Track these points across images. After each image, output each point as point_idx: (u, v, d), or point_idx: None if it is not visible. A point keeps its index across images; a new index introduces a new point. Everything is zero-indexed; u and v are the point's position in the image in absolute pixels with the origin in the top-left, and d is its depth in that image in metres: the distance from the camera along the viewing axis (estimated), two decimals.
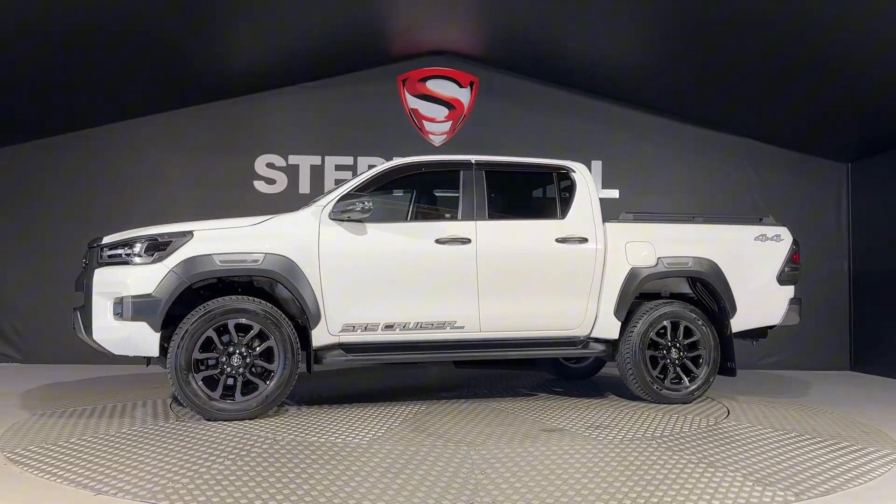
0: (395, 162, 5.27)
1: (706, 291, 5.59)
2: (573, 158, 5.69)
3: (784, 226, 5.78)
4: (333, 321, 4.78)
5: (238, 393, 4.56)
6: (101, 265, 4.57)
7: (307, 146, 7.92)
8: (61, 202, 7.65)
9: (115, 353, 4.51)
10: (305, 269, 4.70)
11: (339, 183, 6.50)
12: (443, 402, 5.32)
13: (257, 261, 4.62)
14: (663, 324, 5.36)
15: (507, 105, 8.04)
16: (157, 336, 4.42)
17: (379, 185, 5.09)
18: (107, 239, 4.70)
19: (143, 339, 4.40)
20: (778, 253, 5.67)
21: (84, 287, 4.61)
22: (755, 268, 5.61)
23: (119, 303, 4.40)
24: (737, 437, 4.29)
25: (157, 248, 4.52)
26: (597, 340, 5.37)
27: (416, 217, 5.77)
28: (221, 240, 4.63)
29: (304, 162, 7.88)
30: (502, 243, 5.12)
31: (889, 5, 5.08)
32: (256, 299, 4.65)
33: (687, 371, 5.43)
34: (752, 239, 5.64)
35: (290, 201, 6.82)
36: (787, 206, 7.61)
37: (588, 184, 5.46)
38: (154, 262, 4.48)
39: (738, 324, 5.52)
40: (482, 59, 8.01)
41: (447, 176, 5.39)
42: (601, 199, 5.57)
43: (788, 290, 5.67)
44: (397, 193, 6.01)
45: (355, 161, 7.88)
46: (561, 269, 5.21)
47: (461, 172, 5.22)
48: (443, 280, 4.99)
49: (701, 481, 3.31)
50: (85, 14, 5.74)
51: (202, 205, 7.60)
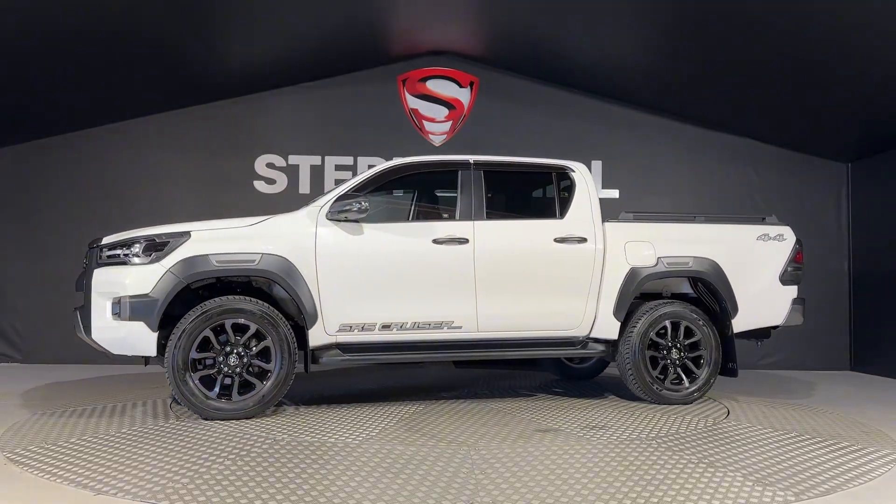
0: (393, 162, 5.27)
1: (707, 291, 5.56)
2: (573, 158, 5.67)
3: (787, 225, 5.73)
4: (330, 321, 4.79)
5: (235, 392, 4.58)
6: (100, 265, 4.61)
7: (307, 146, 7.92)
8: (61, 202, 7.66)
9: (114, 352, 4.55)
10: (302, 270, 4.70)
11: (339, 183, 6.50)
12: (442, 402, 5.31)
13: (254, 261, 4.63)
14: (664, 324, 5.32)
15: (507, 105, 8.04)
16: (155, 336, 4.44)
17: (377, 186, 5.08)
18: (106, 239, 4.73)
19: (140, 339, 4.43)
20: (781, 252, 5.62)
21: (84, 287, 4.65)
22: (757, 268, 5.56)
23: (117, 303, 4.43)
24: (737, 437, 4.28)
25: (155, 248, 4.54)
26: (596, 341, 5.35)
27: (414, 217, 5.76)
28: (218, 240, 4.64)
29: (304, 162, 7.89)
30: (500, 243, 5.11)
31: (889, 5, 5.08)
32: (253, 299, 4.65)
33: (688, 372, 5.39)
34: (754, 238, 5.60)
35: (290, 201, 6.82)
36: (787, 206, 7.61)
37: (587, 183, 5.44)
38: (151, 262, 4.50)
39: (740, 324, 5.48)
40: (482, 59, 8.01)
41: (446, 176, 5.38)
42: (601, 199, 5.55)
43: (791, 290, 5.63)
44: (396, 194, 6.01)
45: (355, 161, 7.88)
46: (559, 269, 5.20)
47: (459, 172, 5.22)
48: (440, 280, 4.98)
49: (701, 481, 3.31)
50: (85, 14, 5.75)
51: (202, 205, 7.60)
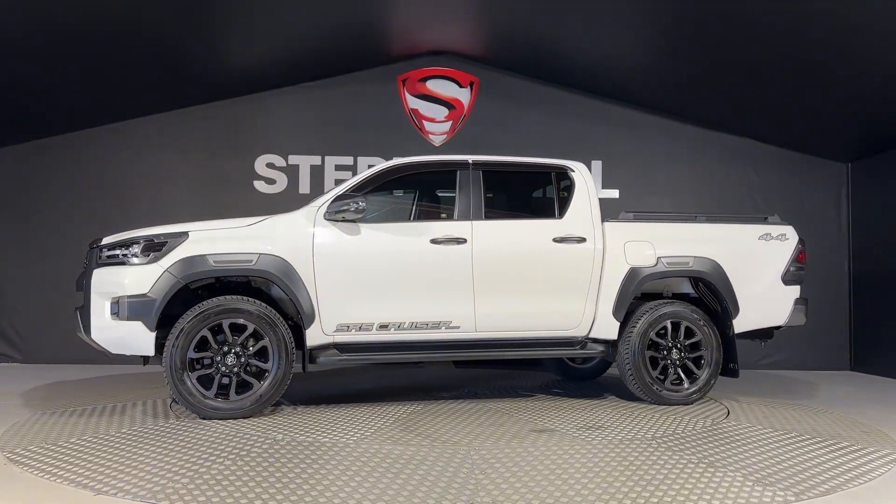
0: (392, 162, 5.27)
1: (708, 291, 5.52)
2: (573, 158, 5.65)
3: (790, 224, 5.68)
4: (328, 321, 4.79)
5: (233, 392, 4.60)
6: (99, 266, 4.64)
7: (307, 146, 7.92)
8: (61, 202, 7.66)
9: (113, 352, 4.57)
10: (300, 270, 4.71)
11: (339, 183, 6.48)
12: (441, 402, 5.31)
13: (251, 261, 4.64)
14: (664, 324, 5.29)
15: (507, 105, 8.03)
16: (153, 335, 4.46)
17: (375, 186, 5.08)
18: (106, 240, 4.76)
19: (139, 339, 4.45)
20: (783, 252, 5.57)
21: (84, 287, 4.67)
22: (759, 267, 5.52)
23: (116, 303, 4.45)
24: (737, 437, 4.28)
25: (153, 248, 4.56)
26: (595, 341, 5.33)
27: (412, 217, 5.75)
28: (216, 240, 4.66)
29: (304, 162, 7.89)
30: (498, 243, 5.10)
31: (889, 5, 5.08)
32: (251, 299, 4.67)
33: (688, 372, 5.36)
34: (755, 238, 5.56)
35: (290, 201, 6.82)
36: (787, 206, 7.60)
37: (587, 183, 5.42)
38: (150, 262, 4.52)
39: (742, 324, 5.45)
40: (482, 59, 8.01)
41: (445, 176, 5.37)
42: (601, 200, 5.54)
43: (794, 290, 5.58)
44: (395, 194, 5.99)
45: (355, 161, 7.88)
46: (558, 269, 5.18)
47: (458, 172, 5.21)
48: (438, 280, 4.98)
49: (701, 481, 3.31)
50: (85, 14, 5.75)
51: (202, 205, 7.60)
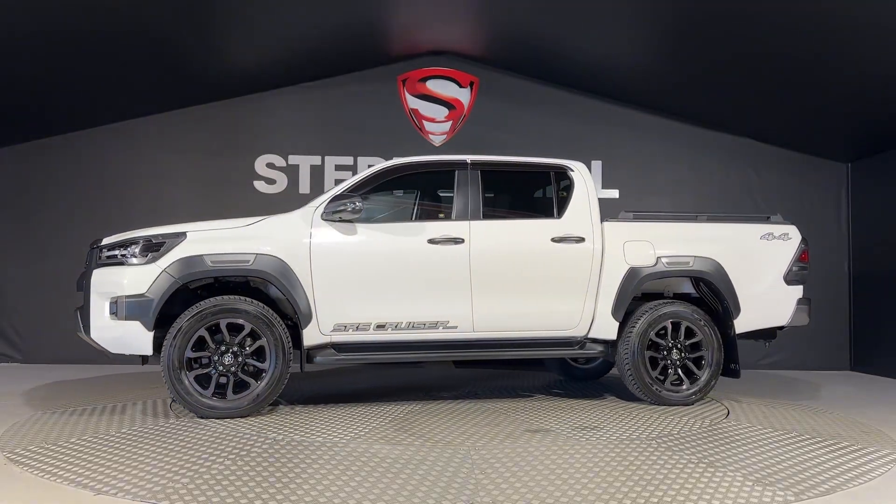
0: (390, 163, 5.27)
1: (709, 291, 5.49)
2: (573, 158, 5.63)
3: (792, 224, 5.64)
4: (325, 321, 4.80)
5: (230, 391, 4.62)
6: (99, 266, 4.67)
7: (307, 146, 7.92)
8: (61, 202, 7.66)
9: (112, 351, 4.61)
10: (297, 270, 4.72)
11: (339, 183, 6.48)
12: (441, 402, 5.31)
13: (248, 261, 4.65)
14: (664, 324, 5.27)
15: (507, 105, 8.03)
16: (151, 335, 4.49)
17: (373, 186, 5.09)
18: (106, 240, 4.78)
19: (137, 338, 4.48)
20: (785, 252, 5.52)
21: (84, 287, 4.69)
22: (761, 267, 5.48)
23: (115, 303, 4.48)
24: (737, 437, 4.28)
25: (151, 249, 4.59)
26: (594, 341, 5.31)
27: (410, 217, 5.72)
28: (213, 241, 4.68)
29: (304, 162, 7.89)
30: (496, 243, 5.09)
31: (888, 5, 5.08)
32: (249, 299, 4.68)
33: (688, 372, 5.33)
34: (757, 238, 5.52)
35: (290, 201, 6.81)
36: (787, 206, 7.59)
37: (586, 183, 5.40)
38: (148, 262, 4.55)
39: (743, 324, 5.41)
40: (482, 59, 8.00)
41: (443, 176, 5.36)
42: (601, 200, 5.53)
43: (796, 290, 5.52)
44: (393, 194, 5.97)
45: (355, 161, 7.88)
46: (556, 269, 5.16)
47: (456, 172, 5.21)
48: (435, 280, 4.97)
49: (701, 481, 3.31)
50: (85, 14, 5.74)
51: (202, 205, 7.60)
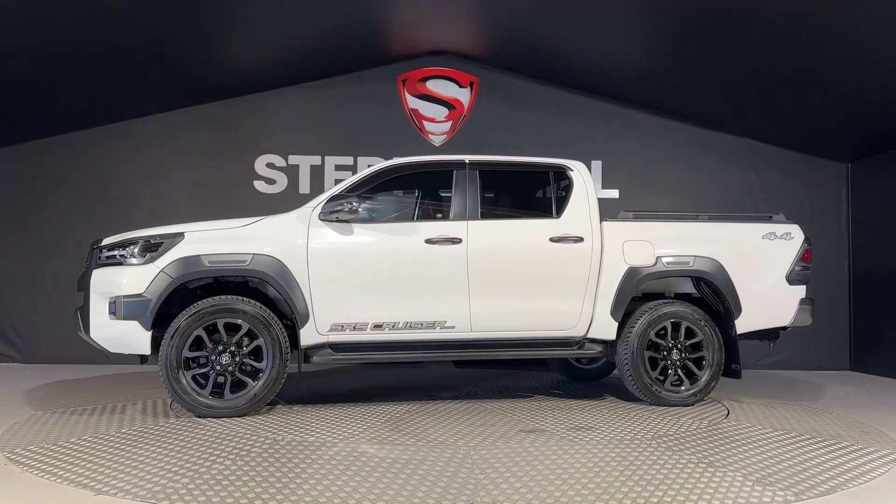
0: (388, 163, 5.27)
1: (710, 291, 5.45)
2: (573, 158, 5.62)
3: (795, 223, 5.59)
4: (322, 321, 4.81)
5: (227, 391, 4.65)
6: (99, 266, 4.71)
7: (307, 146, 7.92)
8: (61, 202, 7.66)
9: (112, 350, 4.64)
10: (294, 270, 4.74)
11: (339, 183, 6.49)
12: (441, 402, 5.31)
13: (245, 261, 4.67)
14: (663, 324, 5.25)
15: (507, 105, 8.03)
16: (149, 335, 4.52)
17: (372, 186, 5.09)
18: (106, 240, 4.82)
19: (135, 338, 4.52)
20: (787, 251, 5.46)
21: (84, 287, 4.73)
22: (762, 267, 5.44)
23: (113, 302, 4.52)
24: (737, 437, 4.28)
25: (150, 249, 4.62)
26: (593, 341, 5.29)
27: (408, 217, 5.71)
28: (211, 241, 4.70)
29: (304, 162, 7.89)
30: (494, 243, 5.08)
31: (888, 5, 5.08)
32: (246, 299, 4.70)
33: (689, 373, 5.30)
34: (759, 237, 5.47)
35: (290, 201, 6.81)
36: (787, 206, 7.56)
37: (586, 182, 5.39)
38: (146, 263, 4.59)
39: (745, 325, 5.36)
40: (482, 59, 8.00)
41: (441, 176, 5.35)
42: (601, 200, 5.52)
43: (799, 290, 5.47)
44: (391, 194, 5.95)
45: (355, 161, 7.88)
46: (555, 269, 5.15)
47: (454, 172, 5.21)
48: (432, 280, 4.97)
49: (701, 481, 3.31)
50: (85, 14, 5.75)
51: (202, 205, 7.61)
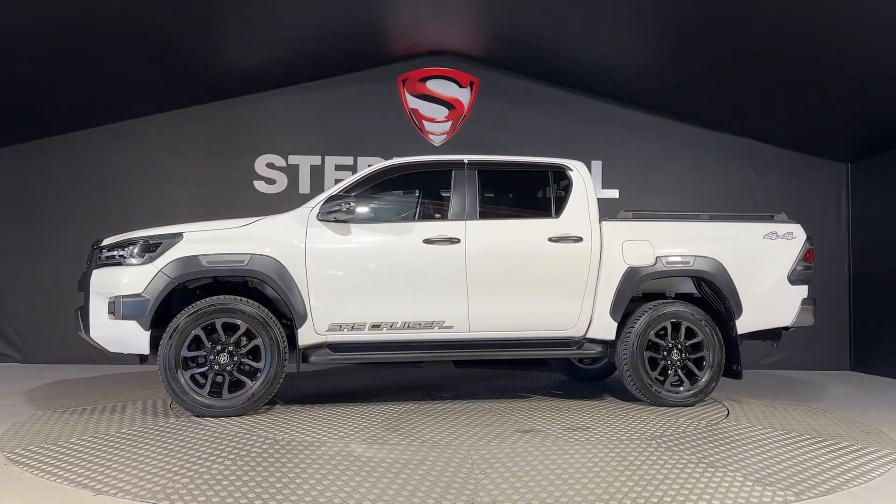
0: (386, 163, 5.28)
1: (711, 291, 5.43)
2: (573, 158, 5.61)
3: (797, 223, 5.55)
4: (320, 321, 4.82)
5: (225, 390, 4.66)
6: (99, 266, 4.73)
7: (307, 146, 7.92)
8: (61, 202, 7.66)
9: (111, 350, 4.66)
10: (292, 270, 4.75)
11: (339, 183, 6.48)
12: (440, 402, 5.31)
13: (243, 262, 4.69)
14: (663, 324, 5.23)
15: (507, 105, 8.03)
16: (147, 334, 4.54)
17: (370, 186, 5.09)
18: (106, 241, 4.84)
19: (134, 337, 4.54)
20: (789, 251, 5.42)
21: (84, 287, 4.75)
22: (764, 267, 5.40)
23: (113, 302, 4.54)
24: (737, 437, 4.28)
25: (149, 249, 4.65)
26: (592, 341, 5.27)
27: (406, 217, 5.68)
28: (209, 241, 4.72)
29: (304, 162, 7.88)
30: (492, 242, 5.08)
31: (888, 5, 5.08)
32: (244, 299, 4.72)
33: (689, 373, 5.28)
34: (760, 237, 5.44)
35: (290, 201, 6.79)
36: (787, 206, 7.51)
37: (585, 182, 5.37)
38: (145, 263, 4.61)
39: (746, 325, 5.33)
40: (482, 59, 8.00)
41: (440, 176, 5.34)
42: (600, 200, 5.51)
43: (801, 290, 5.42)
44: (390, 194, 5.92)
45: (355, 161, 7.88)
46: (554, 269, 5.14)
47: (453, 172, 5.20)
48: (431, 280, 4.97)
49: (701, 481, 3.31)
50: (85, 14, 5.74)
51: (202, 205, 7.61)
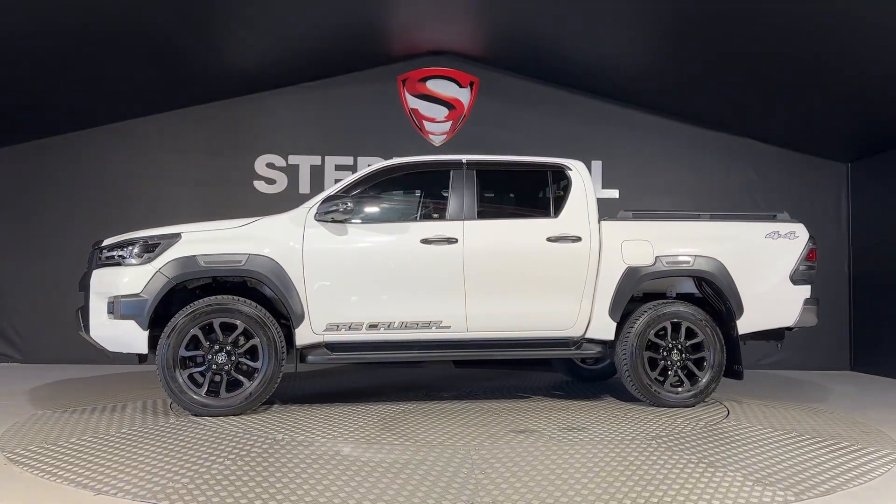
0: (385, 163, 5.28)
1: (712, 291, 5.40)
2: (573, 158, 5.59)
3: (800, 222, 5.51)
4: (317, 320, 4.83)
5: (223, 389, 4.68)
6: (99, 266, 4.76)
7: (307, 146, 7.92)
8: (61, 202, 7.66)
9: (110, 349, 4.70)
10: (289, 270, 4.76)
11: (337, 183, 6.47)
12: (440, 402, 5.31)
13: (240, 262, 4.71)
14: (663, 324, 5.21)
15: (507, 105, 8.03)
16: (146, 334, 4.57)
17: (368, 187, 5.09)
18: (106, 241, 4.86)
19: (133, 337, 4.57)
20: (791, 251, 5.38)
21: (84, 287, 4.77)
22: (765, 266, 5.36)
23: (112, 302, 4.56)
24: (737, 437, 4.28)
25: (148, 250, 4.67)
26: (591, 341, 5.25)
27: (404, 217, 5.61)
28: (207, 241, 4.74)
29: (304, 162, 7.88)
30: (490, 242, 5.07)
31: (890, 5, 5.08)
32: (242, 299, 4.73)
33: (690, 374, 5.26)
34: (762, 236, 5.40)
35: (290, 201, 6.76)
36: (787, 206, 7.48)
37: (584, 182, 5.36)
38: (143, 263, 4.64)
39: (747, 325, 5.29)
40: (482, 59, 8.00)
41: (439, 176, 5.32)
42: (600, 200, 5.50)
43: (803, 290, 5.38)
44: (388, 194, 5.89)
45: (355, 161, 7.88)
46: (552, 269, 5.13)
47: (451, 172, 5.20)
48: (428, 280, 4.97)
49: (701, 481, 3.31)
50: (85, 14, 5.74)
51: (202, 205, 7.61)
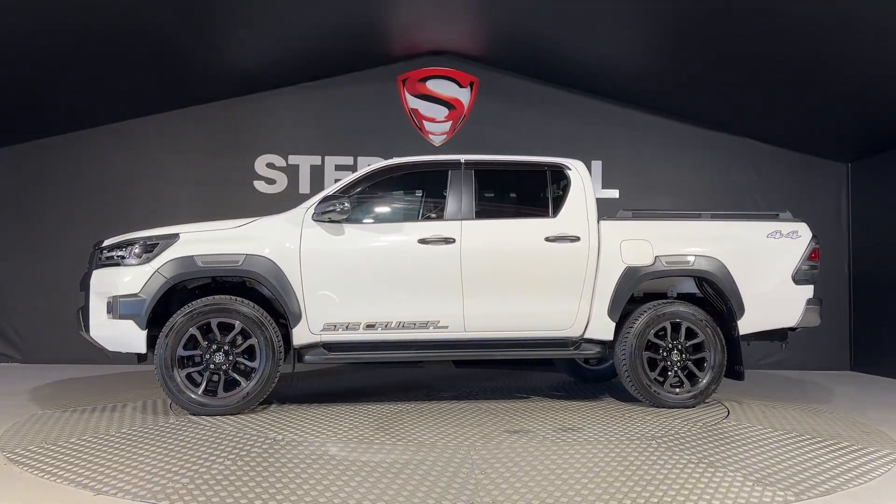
0: (383, 163, 5.28)
1: (713, 291, 5.37)
2: (573, 158, 5.58)
3: (802, 221, 5.48)
4: (314, 320, 4.84)
5: (221, 389, 4.70)
6: (99, 266, 4.79)
7: (307, 146, 7.92)
8: (61, 202, 7.66)
9: (110, 349, 4.73)
10: (287, 270, 4.78)
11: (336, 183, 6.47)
12: (440, 402, 5.32)
13: (237, 262, 4.73)
14: (663, 324, 5.19)
15: (507, 105, 8.03)
16: (144, 333, 4.60)
17: (366, 187, 5.10)
18: (107, 241, 4.89)
19: (131, 337, 4.60)
20: (794, 250, 5.35)
21: (85, 287, 4.80)
22: (767, 266, 5.33)
23: (111, 302, 4.60)
24: (737, 437, 4.28)
25: (146, 250, 4.70)
26: (590, 341, 5.23)
27: (403, 217, 5.59)
28: (205, 242, 4.76)
29: (304, 162, 7.88)
30: (488, 242, 5.07)
31: (890, 5, 5.08)
32: (240, 299, 4.75)
33: (690, 374, 5.24)
34: (763, 236, 5.36)
35: (290, 201, 6.74)
36: (788, 206, 7.47)
37: (584, 181, 5.34)
38: (142, 263, 4.67)
39: (748, 325, 5.26)
40: (482, 59, 8.00)
41: (437, 176, 5.31)
42: (600, 200, 5.50)
43: (806, 290, 5.36)
44: (386, 194, 5.87)
45: (355, 161, 7.88)
46: (550, 269, 5.12)
47: (450, 172, 5.20)
48: (426, 280, 4.98)
49: (701, 481, 3.31)
50: (85, 14, 5.74)
51: (202, 205, 7.61)
